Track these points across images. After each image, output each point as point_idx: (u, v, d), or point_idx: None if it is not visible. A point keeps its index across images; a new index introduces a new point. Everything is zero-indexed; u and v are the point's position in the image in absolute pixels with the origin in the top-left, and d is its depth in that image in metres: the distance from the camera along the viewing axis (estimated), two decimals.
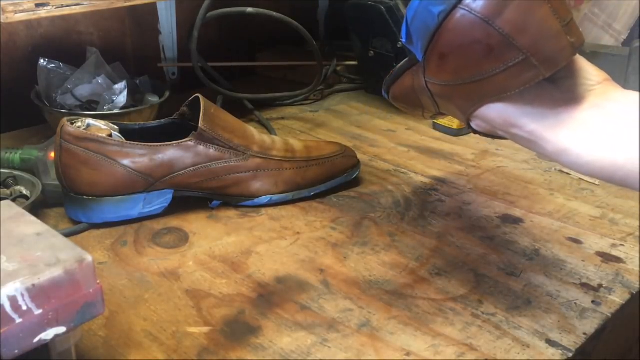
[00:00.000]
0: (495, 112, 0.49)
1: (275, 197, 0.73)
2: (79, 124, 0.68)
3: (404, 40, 0.52)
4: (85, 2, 0.70)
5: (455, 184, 0.80)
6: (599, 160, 0.46)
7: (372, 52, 1.05)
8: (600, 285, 0.60)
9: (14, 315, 0.37)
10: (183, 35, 1.01)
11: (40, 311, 0.38)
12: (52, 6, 0.68)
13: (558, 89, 0.48)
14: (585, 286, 0.60)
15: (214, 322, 0.54)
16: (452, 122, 0.95)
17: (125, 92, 0.89)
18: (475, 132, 0.54)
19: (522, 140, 0.50)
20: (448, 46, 0.47)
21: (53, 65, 0.90)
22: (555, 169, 0.85)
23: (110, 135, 0.67)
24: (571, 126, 0.47)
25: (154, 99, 0.94)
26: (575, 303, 0.58)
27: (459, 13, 0.45)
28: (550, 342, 0.53)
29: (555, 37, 0.45)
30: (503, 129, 0.50)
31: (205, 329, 0.53)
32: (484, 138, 0.95)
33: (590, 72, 0.49)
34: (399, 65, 0.58)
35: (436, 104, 0.55)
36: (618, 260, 0.65)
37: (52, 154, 0.71)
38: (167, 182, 0.68)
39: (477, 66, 0.47)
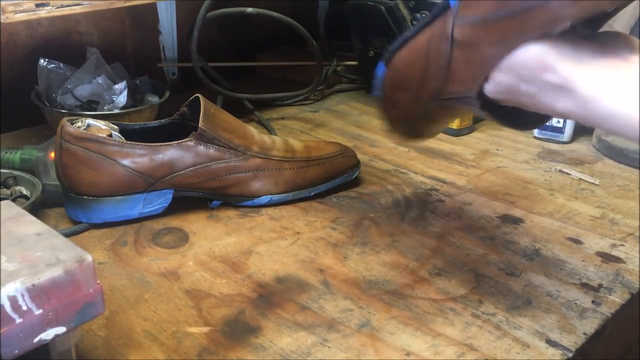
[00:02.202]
0: (532, 54, 0.44)
1: (275, 197, 0.73)
2: (79, 124, 0.68)
3: None
4: (85, 2, 0.70)
5: (455, 184, 0.80)
6: (635, 115, 0.41)
7: (372, 52, 1.05)
8: (600, 285, 0.60)
9: (14, 315, 0.37)
10: (183, 35, 1.01)
11: (40, 311, 0.38)
12: (52, 6, 0.68)
13: (607, 43, 0.44)
14: (585, 286, 0.60)
15: (214, 322, 0.54)
16: (452, 122, 0.95)
17: (125, 92, 0.89)
18: (484, 103, 0.49)
19: (550, 89, 0.45)
20: None
21: (53, 65, 0.89)
22: (555, 169, 0.85)
23: (110, 135, 0.67)
24: (612, 73, 0.43)
25: (154, 99, 0.94)
26: (575, 303, 0.58)
27: None
28: (550, 342, 0.53)
29: None
30: (535, 74, 0.45)
31: (205, 329, 0.53)
32: (484, 138, 0.95)
33: None
34: (416, 25, 0.54)
35: (448, 67, 0.49)
36: (618, 260, 0.65)
37: (52, 154, 0.71)
38: (167, 182, 0.68)
39: None
